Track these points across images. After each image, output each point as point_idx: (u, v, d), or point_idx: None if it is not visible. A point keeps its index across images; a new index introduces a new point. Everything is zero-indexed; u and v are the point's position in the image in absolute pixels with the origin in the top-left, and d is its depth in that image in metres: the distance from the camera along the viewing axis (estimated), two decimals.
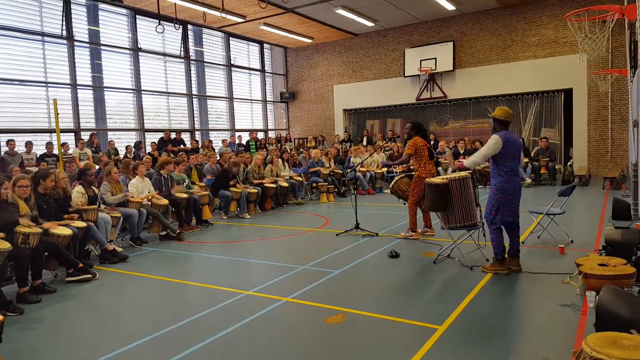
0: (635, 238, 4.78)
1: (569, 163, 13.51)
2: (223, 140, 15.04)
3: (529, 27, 14.59)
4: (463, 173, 5.28)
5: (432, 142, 14.76)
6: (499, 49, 15.11)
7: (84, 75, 12.63)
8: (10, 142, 10.02)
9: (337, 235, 7.12)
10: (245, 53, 18.13)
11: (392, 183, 7.14)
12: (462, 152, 13.09)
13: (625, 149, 13.17)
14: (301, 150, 14.81)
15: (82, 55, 12.58)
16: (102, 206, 6.64)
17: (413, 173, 6.67)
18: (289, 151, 13.04)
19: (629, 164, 9.27)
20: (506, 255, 4.95)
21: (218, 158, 11.21)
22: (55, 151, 10.29)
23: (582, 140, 14.07)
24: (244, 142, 15.65)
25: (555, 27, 14.17)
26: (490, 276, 4.84)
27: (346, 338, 3.56)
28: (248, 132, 16.66)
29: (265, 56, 18.92)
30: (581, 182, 11.84)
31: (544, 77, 14.35)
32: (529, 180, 12.05)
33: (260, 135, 17.67)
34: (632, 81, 7.96)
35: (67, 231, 5.30)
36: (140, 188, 7.39)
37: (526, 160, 12.31)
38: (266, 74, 19.06)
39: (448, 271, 5.11)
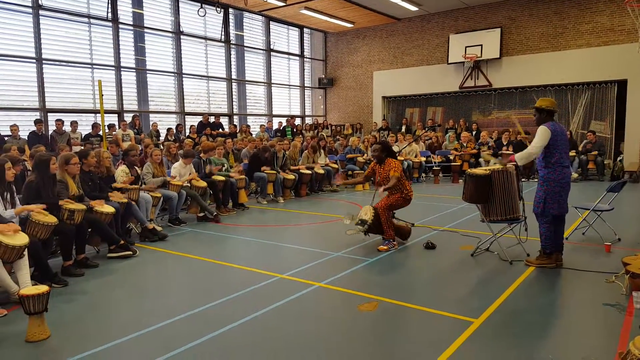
0: None
1: (619, 158, 12.84)
2: (261, 126, 15.17)
3: (583, 13, 13.83)
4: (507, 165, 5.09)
5: (474, 132, 14.35)
6: (549, 36, 14.42)
7: (128, 57, 12.97)
8: (58, 122, 10.47)
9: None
10: (284, 38, 18.11)
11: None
12: (505, 143, 12.68)
13: None
14: (337, 137, 14.75)
15: (126, 38, 12.91)
16: (144, 185, 6.85)
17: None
18: (325, 138, 13.00)
19: None
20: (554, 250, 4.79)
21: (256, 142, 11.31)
22: (100, 132, 10.67)
23: (635, 134, 13.31)
24: (281, 127, 15.73)
25: (611, 13, 13.37)
26: (530, 272, 4.68)
27: (379, 326, 3.54)
28: (285, 118, 16.73)
29: (304, 41, 18.85)
30: (632, 179, 11.24)
31: (596, 67, 13.61)
32: (575, 175, 11.54)
33: (297, 121, 17.69)
34: None
35: (109, 209, 5.49)
36: (182, 172, 7.57)
37: (573, 153, 11.80)
38: (305, 59, 19.00)
39: (486, 265, 4.98)
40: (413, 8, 15.36)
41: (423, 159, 12.67)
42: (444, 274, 4.83)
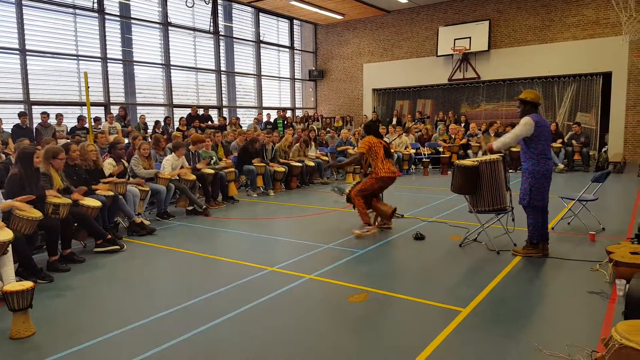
0: None
1: (603, 149, 13.05)
2: (255, 119, 15.10)
3: (569, 6, 13.96)
4: (494, 156, 5.16)
5: (462, 124, 14.43)
6: (536, 29, 14.53)
7: (115, 49, 12.80)
8: (43, 115, 10.32)
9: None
10: (274, 29, 18.00)
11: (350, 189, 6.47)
12: (493, 135, 12.79)
13: None
14: (328, 129, 14.75)
15: (113, 29, 12.74)
16: (131, 179, 6.79)
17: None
18: (315, 130, 12.99)
19: None
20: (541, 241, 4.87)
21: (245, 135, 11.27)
22: (87, 124, 10.55)
23: (619, 126, 13.52)
24: (271, 120, 15.68)
25: (597, 7, 13.50)
26: (517, 261, 4.76)
27: (368, 317, 3.58)
28: (276, 110, 16.67)
29: (294, 33, 18.75)
30: (616, 169, 11.43)
31: (582, 59, 13.77)
32: (561, 166, 11.71)
33: (288, 114, 17.65)
34: None
35: (96, 203, 5.43)
36: (174, 166, 7.51)
37: (559, 145, 11.96)
38: (295, 51, 18.92)
39: (474, 255, 5.05)
40: (403, 0, 15.35)
41: (413, 151, 12.74)
42: (432, 264, 4.88)
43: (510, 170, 5.02)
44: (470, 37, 15.30)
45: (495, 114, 15.39)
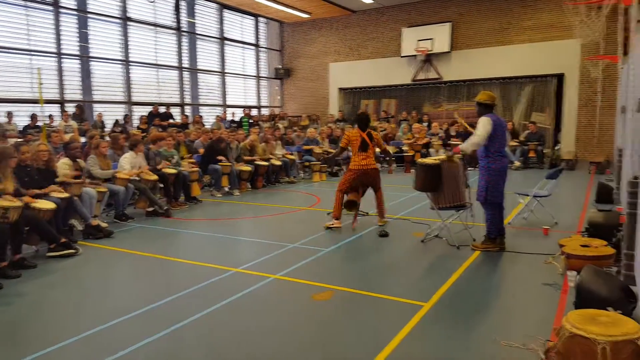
0: (616, 221, 4.88)
1: (557, 147, 13.63)
2: (217, 116, 14.86)
3: (526, 10, 14.48)
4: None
5: (425, 124, 14.72)
6: (495, 31, 15.00)
7: (70, 44, 12.31)
8: None
9: (328, 214, 7.12)
10: (239, 26, 17.79)
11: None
12: (454, 134, 13.13)
13: (611, 134, 13.29)
14: (295, 128, 14.73)
15: (68, 23, 12.25)
16: (87, 180, 6.56)
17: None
18: (281, 129, 12.95)
19: (614, 149, 9.38)
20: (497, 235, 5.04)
21: (209, 134, 11.11)
22: (40, 123, 10.11)
23: (571, 125, 14.17)
24: (236, 118, 15.50)
25: (551, 10, 14.07)
26: (477, 256, 4.91)
27: (334, 315, 3.61)
28: (241, 109, 16.49)
29: (260, 30, 18.60)
30: (568, 166, 11.97)
31: (538, 61, 14.31)
32: (517, 163, 12.15)
33: (253, 112, 17.50)
34: (622, 68, 7.99)
35: (49, 205, 5.20)
36: (133, 164, 7.29)
37: (515, 143, 12.41)
38: (260, 49, 18.77)
39: (435, 250, 5.18)
40: (368, 1, 15.51)
41: (378, 150, 12.87)
42: (396, 260, 4.97)
43: (469, 168, 5.23)
44: (432, 39, 15.62)
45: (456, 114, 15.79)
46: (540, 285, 4.06)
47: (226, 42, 17.01)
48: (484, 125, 4.82)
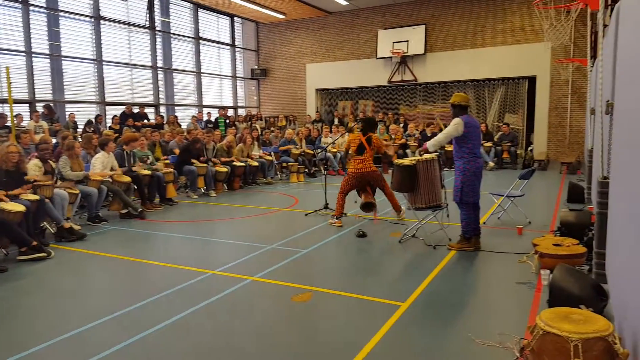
0: (587, 220, 5.02)
1: (529, 148, 13.96)
2: (192, 117, 14.65)
3: (499, 13, 14.79)
4: (429, 155, 5.37)
5: (402, 125, 14.86)
6: (469, 34, 15.26)
7: (41, 42, 11.95)
8: None
9: (306, 215, 7.13)
10: (214, 26, 17.60)
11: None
12: (429, 135, 13.29)
13: (582, 135, 13.70)
14: (272, 129, 14.65)
15: (39, 21, 11.89)
16: (59, 182, 6.38)
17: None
18: (258, 130, 12.86)
19: (585, 150, 9.67)
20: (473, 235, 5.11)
21: (185, 134, 10.95)
22: (8, 123, 9.76)
23: (543, 126, 14.53)
24: (212, 119, 15.33)
25: (522, 14, 14.41)
26: (452, 255, 4.98)
27: (312, 316, 3.60)
28: (217, 109, 16.31)
29: (235, 30, 18.44)
30: (540, 167, 12.28)
31: (510, 63, 14.63)
32: (491, 164, 12.40)
33: (230, 113, 17.33)
34: (591, 70, 8.24)
35: (18, 207, 5.05)
36: (105, 164, 7.13)
37: (490, 144, 12.65)
38: (236, 49, 18.61)
39: (412, 250, 5.23)
40: (343, 2, 15.56)
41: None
42: (374, 260, 5.00)
43: (444, 169, 5.34)
44: (407, 41, 15.79)
45: (431, 115, 16.00)
46: (515, 284, 4.14)
47: (202, 41, 16.80)
48: (453, 125, 4.92)
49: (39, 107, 11.51)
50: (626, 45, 3.05)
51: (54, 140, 9.48)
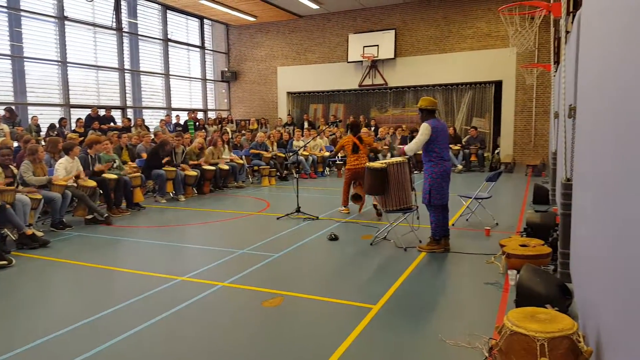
0: (552, 221, 5.17)
1: (496, 151, 14.32)
2: (161, 120, 14.35)
3: (466, 19, 15.13)
4: (400, 158, 5.43)
5: (372, 128, 14.99)
6: (437, 39, 15.55)
7: (2, 43, 11.50)
8: None
9: (277, 219, 7.08)
10: (183, 28, 17.33)
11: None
12: (399, 137, 13.46)
13: (546, 139, 14.16)
14: (243, 132, 14.51)
15: (0, 22, 11.44)
16: (21, 187, 6.13)
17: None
18: (229, 133, 12.71)
19: (549, 153, 9.99)
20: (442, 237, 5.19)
21: (152, 137, 10.71)
22: None
23: (509, 129, 14.94)
24: (181, 122, 15.06)
25: (489, 20, 14.79)
26: (423, 257, 5.03)
27: (284, 321, 3.56)
28: (186, 112, 16.04)
29: (205, 33, 18.21)
30: (507, 169, 12.61)
31: (477, 68, 14.99)
32: (460, 167, 12.64)
33: (200, 116, 17.08)
34: (554, 75, 8.53)
35: None
36: (69, 169, 6.89)
37: (458, 147, 12.90)
38: (206, 51, 18.38)
39: (384, 253, 5.26)
40: (314, 6, 15.60)
41: (327, 153, 12.98)
42: (345, 264, 5.00)
43: (415, 172, 5.44)
44: (378, 45, 15.96)
45: (401, 119, 16.22)
46: (483, 284, 4.21)
47: (170, 43, 16.52)
48: (422, 131, 4.99)
49: (0, 110, 11.05)
50: (587, 52, 3.16)
51: (15, 144, 9.12)
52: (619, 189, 1.78)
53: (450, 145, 12.65)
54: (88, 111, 12.90)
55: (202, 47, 18.10)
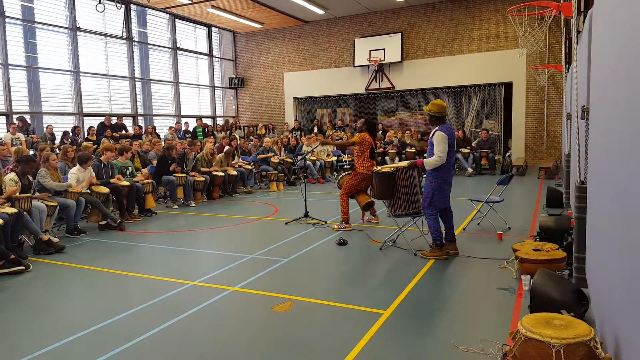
0: (566, 224, 5.08)
1: (507, 154, 14.18)
2: (170, 128, 14.48)
3: (474, 21, 15.06)
4: (405, 163, 5.40)
5: (380, 132, 14.96)
6: (444, 41, 15.49)
7: (17, 54, 11.73)
8: None
9: (286, 223, 7.08)
10: (192, 36, 17.50)
11: (339, 178, 7.49)
12: (408, 142, 13.40)
13: (559, 140, 13.99)
14: (251, 138, 14.57)
15: (15, 33, 11.67)
16: (37, 193, 6.22)
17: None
18: (238, 139, 12.77)
19: (562, 155, 9.86)
20: (444, 241, 5.12)
21: (163, 144, 10.79)
22: None
23: (520, 132, 14.79)
24: (190, 129, 15.17)
25: (497, 22, 14.71)
26: (433, 262, 4.99)
27: (294, 326, 3.54)
28: (195, 119, 16.16)
29: (213, 40, 18.37)
30: (518, 172, 12.47)
31: (486, 70, 14.89)
32: (470, 170, 12.53)
33: (208, 122, 17.19)
34: (566, 76, 8.44)
35: None
36: (81, 178, 6.99)
37: (468, 150, 12.80)
38: (214, 58, 18.53)
39: (393, 258, 5.22)
40: (320, 11, 15.65)
41: (334, 158, 12.97)
42: (355, 269, 4.97)
43: (423, 175, 5.38)
44: (384, 49, 15.95)
45: (409, 122, 16.15)
46: (496, 289, 4.15)
47: (179, 51, 16.68)
48: (440, 141, 4.84)
49: (16, 120, 11.28)
50: (599, 51, 3.11)
51: (31, 152, 9.26)
52: (636, 190, 1.74)
53: (460, 149, 12.56)
54: (101, 119, 13.07)
55: (210, 54, 18.25)
